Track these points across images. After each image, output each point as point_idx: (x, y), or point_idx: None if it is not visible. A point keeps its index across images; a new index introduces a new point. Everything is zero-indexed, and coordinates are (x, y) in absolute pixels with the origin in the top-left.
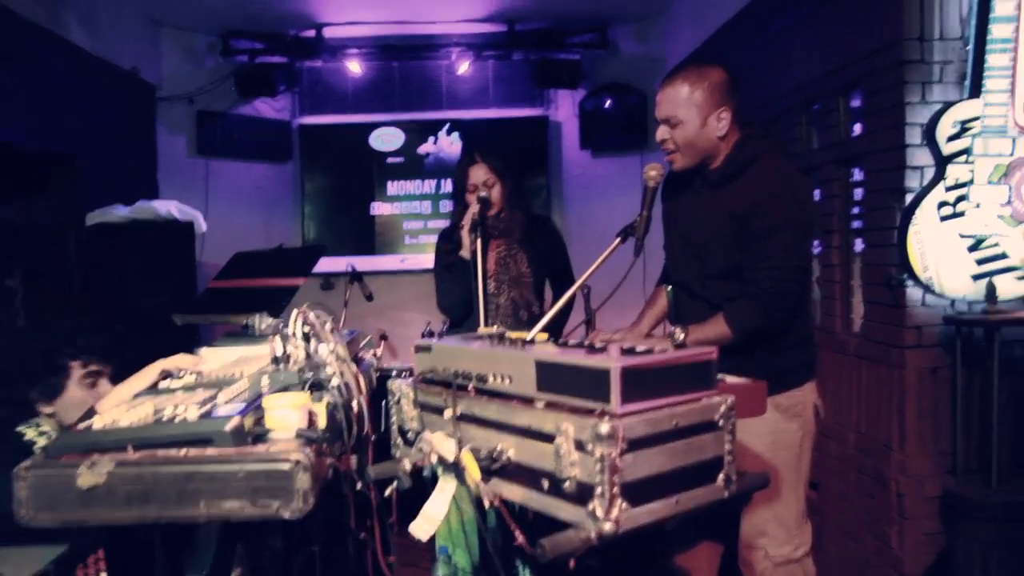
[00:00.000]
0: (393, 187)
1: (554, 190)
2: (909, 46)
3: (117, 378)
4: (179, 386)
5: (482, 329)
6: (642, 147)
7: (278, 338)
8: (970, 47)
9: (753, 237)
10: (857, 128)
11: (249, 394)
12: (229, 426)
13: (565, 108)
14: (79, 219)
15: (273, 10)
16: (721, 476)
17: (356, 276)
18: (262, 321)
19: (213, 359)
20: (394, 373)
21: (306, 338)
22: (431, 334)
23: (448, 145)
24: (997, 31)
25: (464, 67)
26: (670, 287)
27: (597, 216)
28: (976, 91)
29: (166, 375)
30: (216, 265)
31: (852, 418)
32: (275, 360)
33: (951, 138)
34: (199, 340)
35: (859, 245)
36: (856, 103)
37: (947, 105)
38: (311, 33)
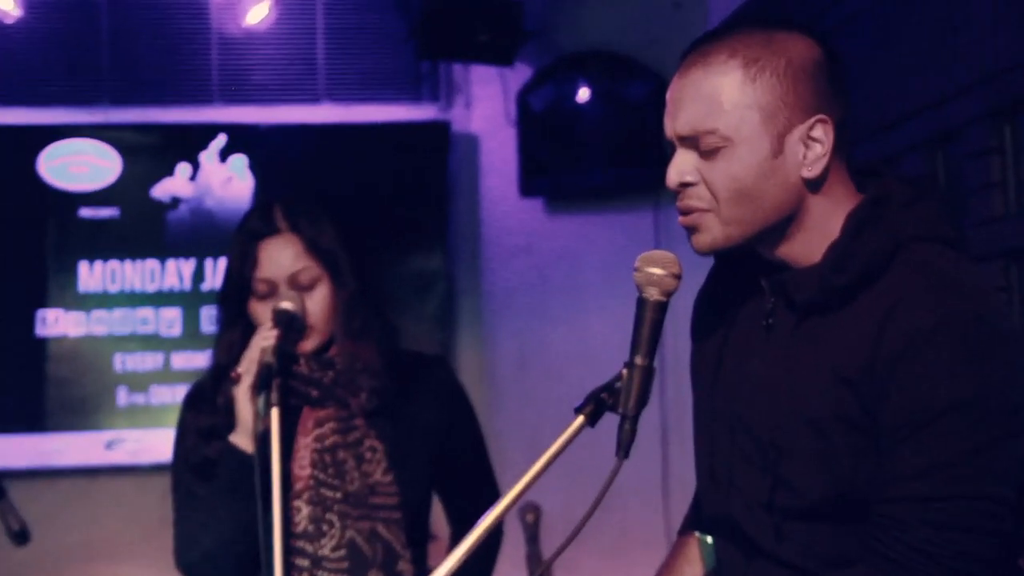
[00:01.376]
0: (92, 275)
1: (462, 284)
2: None
3: None
4: None
5: None
6: (658, 190)
7: None
8: None
9: (891, 431)
10: None
11: None
12: None
13: (487, 105)
14: None
15: None
16: None
17: None
18: None
19: None
20: None
21: None
22: None
23: (221, 183)
24: None
25: (259, 12)
26: (707, 536)
27: (559, 341)
28: None
29: None
30: None
31: None
32: None
33: None
34: None
35: None
36: None
37: None
38: None
